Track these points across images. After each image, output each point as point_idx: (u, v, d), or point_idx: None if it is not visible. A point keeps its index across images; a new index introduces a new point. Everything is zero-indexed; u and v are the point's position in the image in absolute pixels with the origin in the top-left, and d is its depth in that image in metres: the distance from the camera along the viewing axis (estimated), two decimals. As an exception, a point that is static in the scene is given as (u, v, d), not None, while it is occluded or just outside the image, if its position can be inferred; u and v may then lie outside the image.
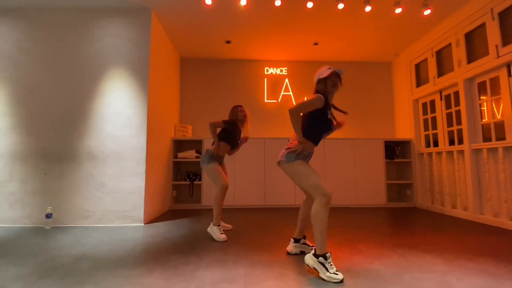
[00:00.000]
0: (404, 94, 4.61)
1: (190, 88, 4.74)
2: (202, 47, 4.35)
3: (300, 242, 2.04)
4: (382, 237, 2.47)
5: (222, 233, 2.40)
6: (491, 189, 3.04)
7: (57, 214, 3.00)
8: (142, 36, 3.26)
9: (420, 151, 4.25)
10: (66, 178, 3.06)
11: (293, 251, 2.01)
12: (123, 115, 3.17)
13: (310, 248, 2.02)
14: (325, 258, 1.58)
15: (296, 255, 1.99)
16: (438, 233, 2.62)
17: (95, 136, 3.12)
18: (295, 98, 4.79)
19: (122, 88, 3.20)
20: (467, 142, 3.30)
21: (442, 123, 3.83)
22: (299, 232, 2.06)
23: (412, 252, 2.05)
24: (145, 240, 2.40)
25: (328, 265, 1.56)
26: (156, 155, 3.51)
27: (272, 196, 4.14)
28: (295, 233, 2.07)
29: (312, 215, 1.65)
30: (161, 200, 3.70)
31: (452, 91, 3.64)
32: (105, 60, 3.21)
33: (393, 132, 4.90)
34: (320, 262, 1.58)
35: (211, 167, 2.54)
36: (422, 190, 4.19)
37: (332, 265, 1.57)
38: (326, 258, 1.58)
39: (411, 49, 4.38)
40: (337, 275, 1.53)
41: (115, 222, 3.04)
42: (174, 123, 4.37)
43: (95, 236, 2.54)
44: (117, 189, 3.07)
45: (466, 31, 3.33)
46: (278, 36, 4.02)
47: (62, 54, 3.20)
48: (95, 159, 3.09)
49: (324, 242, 1.62)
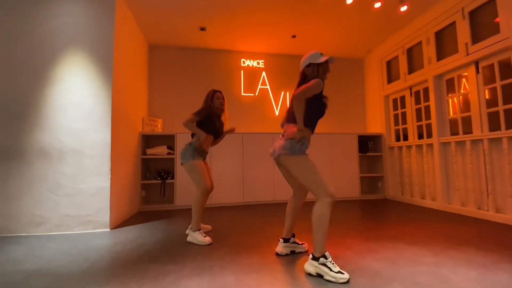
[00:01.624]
0: (376, 90, 4.75)
1: (160, 78, 4.36)
2: (174, 33, 4.01)
3: (290, 241, 1.92)
4: (365, 231, 2.46)
5: (205, 236, 2.20)
6: (459, 180, 3.23)
7: (3, 222, 2.53)
8: (104, 15, 2.86)
9: (390, 145, 4.41)
10: (13, 179, 2.59)
11: (283, 252, 1.89)
12: (82, 106, 2.76)
13: (300, 246, 1.93)
14: (325, 257, 1.49)
15: (286, 256, 1.88)
16: (414, 223, 2.70)
17: (48, 130, 2.68)
18: (272, 92, 4.67)
19: (81, 74, 2.78)
20: (436, 136, 3.47)
21: (411, 118, 4.00)
22: (287, 230, 1.94)
23: (398, 244, 2.05)
24: (113, 249, 2.10)
25: (330, 264, 1.48)
26: (122, 152, 3.15)
27: (251, 193, 3.99)
28: (284, 232, 1.95)
29: (315, 216, 1.55)
30: (128, 202, 3.34)
31: (422, 88, 3.80)
32: (60, 41, 2.76)
33: (365, 127, 5.04)
34: (321, 264, 1.49)
35: (195, 164, 2.25)
36: (393, 182, 4.37)
37: (333, 263, 1.49)
38: (326, 257, 1.49)
39: (383, 47, 4.51)
40: (343, 274, 1.44)
41: (76, 229, 2.65)
42: (142, 116, 3.99)
43: (51, 247, 2.17)
44: (76, 191, 2.68)
45: (437, 30, 3.47)
46: (256, 26, 3.85)
47: (7, 34, 2.68)
48: (48, 157, 2.66)
49: (324, 243, 1.53)
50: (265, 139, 4.08)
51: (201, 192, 2.24)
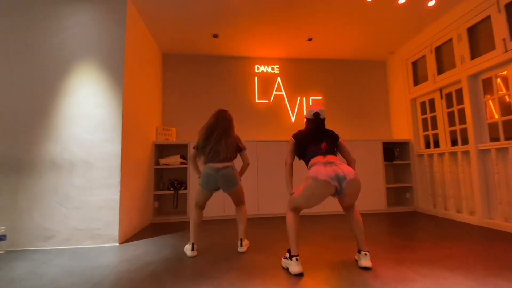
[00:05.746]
0: (401, 93, 4.41)
1: (174, 87, 4.31)
2: (186, 41, 3.95)
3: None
4: (394, 251, 2.17)
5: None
6: (501, 191, 2.84)
7: (13, 235, 2.49)
8: (115, 25, 2.83)
9: (419, 152, 4.04)
10: (24, 191, 2.56)
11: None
12: (93, 116, 2.72)
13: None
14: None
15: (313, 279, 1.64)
16: (450, 241, 2.36)
17: (59, 141, 2.65)
18: (288, 98, 4.47)
19: (92, 85, 2.75)
20: (473, 142, 3.10)
21: (443, 122, 3.63)
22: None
23: (436, 271, 1.75)
24: (118, 268, 1.96)
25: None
26: (134, 162, 3.07)
27: (266, 205, 3.77)
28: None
29: (361, 221, 1.89)
30: (140, 214, 3.25)
31: (454, 89, 3.44)
32: (71, 53, 2.75)
33: (390, 133, 4.69)
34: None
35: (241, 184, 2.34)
36: (423, 193, 3.98)
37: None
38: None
39: (408, 46, 4.19)
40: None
41: (85, 243, 2.57)
42: (156, 126, 3.93)
43: (57, 263, 2.08)
44: (85, 204, 2.60)
45: (469, 25, 3.14)
46: (269, 30, 3.70)
47: (20, 47, 2.71)
48: (59, 169, 2.61)
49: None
50: (281, 147, 3.86)
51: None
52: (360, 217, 1.92)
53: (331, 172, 1.74)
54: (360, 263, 1.84)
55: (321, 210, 3.84)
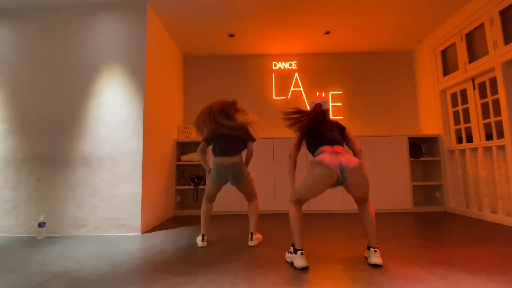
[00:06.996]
0: (429, 85, 4.13)
1: (194, 87, 4.49)
2: (204, 42, 4.09)
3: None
4: (411, 250, 2.06)
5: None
6: (543, 190, 2.55)
7: (51, 223, 2.81)
8: (137, 31, 3.04)
9: (450, 148, 3.76)
10: (61, 184, 2.87)
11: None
12: (118, 116, 2.95)
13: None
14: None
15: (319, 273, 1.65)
16: (481, 244, 2.18)
17: (90, 139, 2.92)
18: (306, 94, 4.43)
19: (117, 87, 2.98)
20: (508, 136, 2.82)
21: (476, 115, 3.34)
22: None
23: (453, 271, 1.64)
24: (137, 254, 2.12)
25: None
26: (155, 159, 3.27)
27: (282, 201, 3.78)
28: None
29: (374, 217, 1.86)
30: (162, 207, 3.44)
31: (488, 78, 3.16)
32: (98, 58, 3.01)
33: (417, 127, 4.42)
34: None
35: (250, 178, 2.40)
36: (454, 192, 3.69)
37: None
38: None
39: (436, 34, 3.91)
40: None
41: (112, 232, 2.80)
42: (177, 125, 4.13)
43: (86, 248, 2.30)
44: (112, 196, 2.84)
45: (502, 8, 2.86)
46: (285, 26, 3.69)
47: (55, 55, 3.03)
48: (89, 164, 2.88)
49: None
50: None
51: (257, 199, 2.47)
52: (373, 213, 1.87)
53: (336, 161, 1.74)
54: (370, 260, 1.79)
55: (340, 208, 3.75)
